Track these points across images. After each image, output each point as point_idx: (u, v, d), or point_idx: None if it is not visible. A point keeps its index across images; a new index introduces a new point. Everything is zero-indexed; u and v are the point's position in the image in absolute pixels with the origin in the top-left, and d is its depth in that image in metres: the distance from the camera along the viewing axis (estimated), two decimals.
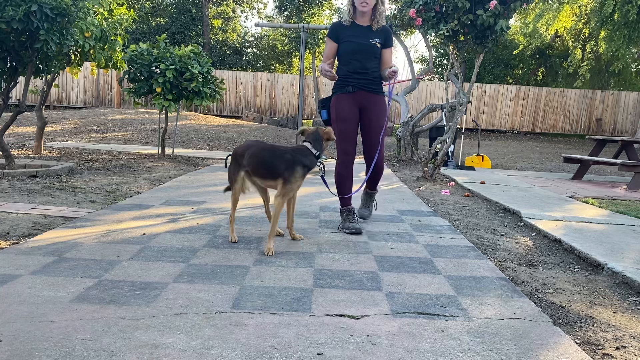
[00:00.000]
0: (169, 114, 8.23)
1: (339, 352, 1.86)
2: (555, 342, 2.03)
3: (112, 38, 6.79)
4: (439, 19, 6.41)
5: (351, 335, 2.00)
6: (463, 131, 10.30)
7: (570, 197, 5.77)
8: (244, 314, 2.16)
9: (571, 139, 18.31)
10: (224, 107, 18.75)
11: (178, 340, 1.90)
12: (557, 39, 20.41)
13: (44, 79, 6.96)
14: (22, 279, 2.46)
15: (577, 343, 2.05)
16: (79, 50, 6.56)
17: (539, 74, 22.06)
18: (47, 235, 3.27)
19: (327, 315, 2.19)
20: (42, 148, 7.79)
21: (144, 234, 3.40)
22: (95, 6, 6.45)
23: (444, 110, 8.59)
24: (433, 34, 6.90)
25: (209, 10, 24.56)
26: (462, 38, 6.51)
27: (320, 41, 21.87)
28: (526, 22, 18.73)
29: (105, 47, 6.79)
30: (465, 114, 8.75)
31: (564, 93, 18.65)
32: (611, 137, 11.39)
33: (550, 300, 2.53)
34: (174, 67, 7.13)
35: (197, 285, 2.49)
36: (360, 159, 4.01)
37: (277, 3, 24.34)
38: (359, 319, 2.17)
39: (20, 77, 5.77)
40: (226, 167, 3.40)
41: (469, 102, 7.52)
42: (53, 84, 7.42)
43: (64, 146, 8.96)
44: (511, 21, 8.36)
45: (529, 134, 18.74)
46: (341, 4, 31.27)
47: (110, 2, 6.98)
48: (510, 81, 21.49)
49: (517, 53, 19.47)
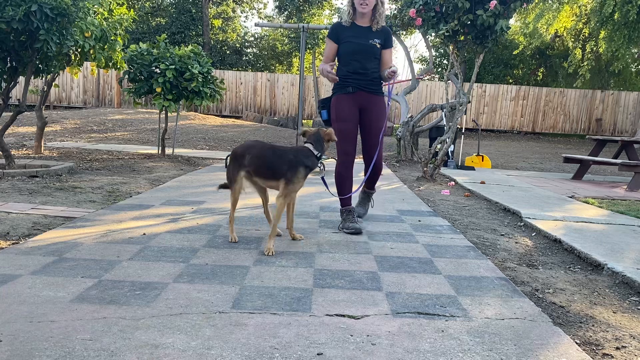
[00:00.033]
0: (169, 114, 8.23)
1: (339, 352, 1.86)
2: (555, 342, 2.03)
3: (112, 38, 6.79)
4: (439, 19, 6.41)
5: (351, 335, 2.00)
6: (463, 131, 10.29)
7: (570, 197, 5.77)
8: (244, 314, 2.16)
9: (571, 139, 18.32)
10: (224, 107, 18.75)
11: (178, 340, 1.90)
12: (557, 39, 20.41)
13: (44, 79, 6.96)
14: (22, 279, 2.46)
15: (577, 343, 2.05)
16: (79, 50, 6.56)
17: (539, 74, 22.06)
18: (47, 235, 3.27)
19: (327, 315, 2.19)
20: (42, 148, 7.79)
21: (144, 234, 3.40)
22: (95, 6, 6.45)
23: (444, 110, 8.59)
24: (433, 34, 6.90)
25: (209, 10, 24.57)
26: (462, 38, 6.51)
27: (320, 41, 21.87)
28: (526, 22, 18.73)
29: (105, 47, 6.79)
30: (465, 114, 8.75)
31: (564, 93, 18.65)
32: (611, 137, 11.39)
33: (550, 300, 2.53)
34: (174, 67, 7.13)
35: (197, 285, 2.49)
36: (360, 159, 4.02)
37: (277, 3, 24.34)
38: (359, 319, 2.17)
39: (20, 77, 5.77)
40: (226, 167, 3.40)
41: (469, 102, 7.52)
42: (53, 84, 7.42)
43: (64, 146, 8.96)
44: (511, 21, 8.36)
45: (529, 134, 18.74)
46: (341, 4, 31.25)
47: (110, 2, 6.98)
48: (510, 81, 21.49)
49: (517, 53, 19.47)
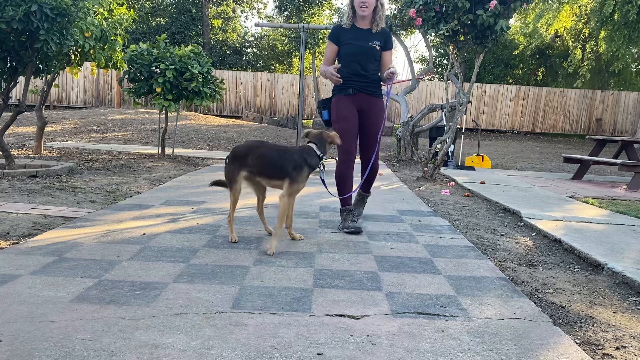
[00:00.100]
0: (169, 114, 8.23)
1: (339, 352, 1.86)
2: (555, 342, 2.03)
3: (112, 38, 6.79)
4: (439, 19, 6.41)
5: (351, 335, 2.00)
6: (463, 131, 10.30)
7: (570, 197, 5.77)
8: (244, 314, 2.16)
9: (571, 139, 18.31)
10: (224, 107, 18.75)
11: (178, 340, 1.90)
12: (557, 39, 20.41)
13: (44, 79, 6.96)
14: (22, 279, 2.46)
15: (577, 343, 2.05)
16: (79, 50, 6.56)
17: (539, 74, 22.06)
18: (47, 235, 3.27)
19: (327, 315, 2.19)
20: (42, 148, 7.79)
21: (144, 234, 3.40)
22: (95, 6, 6.45)
23: (444, 110, 8.59)
24: (433, 34, 6.90)
25: (209, 10, 24.56)
26: (462, 38, 6.51)
27: (320, 41, 21.86)
28: (526, 22, 18.73)
29: (105, 47, 6.79)
30: (465, 114, 8.75)
31: (564, 93, 18.65)
32: (611, 137, 11.39)
33: (550, 300, 2.53)
34: (174, 67, 7.13)
35: (197, 285, 2.49)
36: (358, 160, 4.05)
37: (277, 3, 24.33)
38: (359, 319, 2.17)
39: (20, 77, 5.77)
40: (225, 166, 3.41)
41: (469, 102, 7.52)
42: (53, 84, 7.42)
43: (64, 146, 8.96)
44: (511, 21, 8.36)
45: (529, 134, 18.74)
46: (341, 4, 31.26)
47: (110, 2, 6.98)
48: (510, 81, 21.49)
49: (517, 53, 19.47)
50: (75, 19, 5.45)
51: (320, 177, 3.44)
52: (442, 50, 20.82)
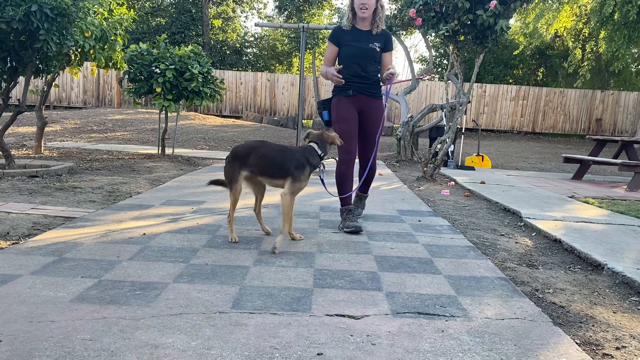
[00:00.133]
0: (169, 114, 8.23)
1: (339, 352, 1.86)
2: (555, 342, 2.03)
3: (112, 38, 6.79)
4: (439, 19, 6.41)
5: (351, 335, 2.00)
6: (463, 131, 10.29)
7: (570, 197, 5.77)
8: (244, 314, 2.16)
9: (571, 139, 18.31)
10: (224, 107, 18.75)
11: (178, 340, 1.90)
12: (557, 39, 20.41)
13: (44, 79, 6.96)
14: (22, 279, 2.46)
15: (577, 343, 2.05)
16: (79, 50, 6.56)
17: (539, 74, 22.06)
18: (47, 235, 3.27)
19: (327, 315, 2.19)
20: (42, 148, 7.79)
21: (144, 234, 3.40)
22: (95, 6, 6.45)
23: (444, 110, 8.58)
24: (433, 34, 6.89)
25: (209, 10, 24.56)
26: (462, 38, 6.51)
27: (320, 41, 21.86)
28: (526, 22, 18.72)
29: (105, 47, 6.79)
30: (465, 114, 8.75)
31: (564, 93, 18.65)
32: (611, 137, 11.39)
33: (550, 300, 2.53)
34: (174, 67, 7.13)
35: (197, 285, 2.49)
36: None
37: (277, 3, 24.33)
38: (359, 319, 2.17)
39: (20, 77, 5.77)
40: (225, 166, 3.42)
41: (469, 102, 7.52)
42: (53, 84, 7.42)
43: (64, 146, 8.96)
44: (511, 21, 8.36)
45: (529, 134, 18.74)
46: (341, 4, 31.29)
47: (110, 2, 6.98)
48: (510, 81, 21.49)
49: (517, 53, 19.47)
50: (75, 19, 5.45)
51: (320, 176, 3.44)
52: (442, 50, 20.82)
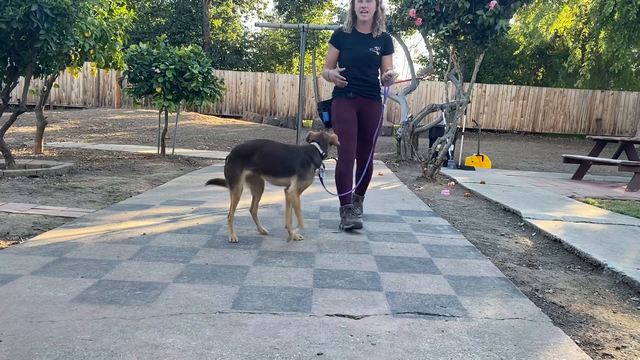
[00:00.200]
0: (169, 114, 8.23)
1: (339, 352, 1.86)
2: (555, 342, 2.03)
3: (112, 38, 6.79)
4: (439, 19, 6.41)
5: (351, 335, 2.00)
6: (463, 131, 10.29)
7: (570, 197, 5.77)
8: (244, 314, 2.16)
9: (571, 139, 18.31)
10: (224, 107, 18.75)
11: (178, 340, 1.90)
12: (557, 39, 20.40)
13: (44, 79, 6.96)
14: (22, 279, 2.46)
15: (577, 343, 2.05)
16: (79, 50, 6.56)
17: (539, 74, 22.06)
18: (47, 235, 3.27)
19: (327, 315, 2.19)
20: (42, 148, 7.79)
21: (144, 234, 3.40)
22: (95, 6, 6.45)
23: (444, 110, 8.58)
24: (433, 34, 6.90)
25: (209, 10, 24.56)
26: (462, 38, 6.51)
27: (320, 41, 21.85)
28: (526, 22, 18.72)
29: (105, 47, 6.79)
30: (465, 114, 8.75)
31: (564, 93, 18.65)
32: (611, 137, 11.39)
33: (550, 300, 2.53)
34: (174, 67, 7.13)
35: (197, 285, 2.49)
36: None
37: (277, 3, 24.32)
38: (359, 319, 2.17)
39: (20, 77, 5.77)
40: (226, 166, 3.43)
41: (469, 102, 7.52)
42: (53, 84, 7.42)
43: (64, 146, 8.96)
44: (511, 21, 8.36)
45: (529, 134, 18.74)
46: (341, 4, 31.29)
47: (110, 2, 6.98)
48: (510, 81, 21.48)
49: (517, 53, 19.46)
50: (75, 19, 5.45)
51: (319, 176, 3.45)
52: (442, 50, 20.82)
